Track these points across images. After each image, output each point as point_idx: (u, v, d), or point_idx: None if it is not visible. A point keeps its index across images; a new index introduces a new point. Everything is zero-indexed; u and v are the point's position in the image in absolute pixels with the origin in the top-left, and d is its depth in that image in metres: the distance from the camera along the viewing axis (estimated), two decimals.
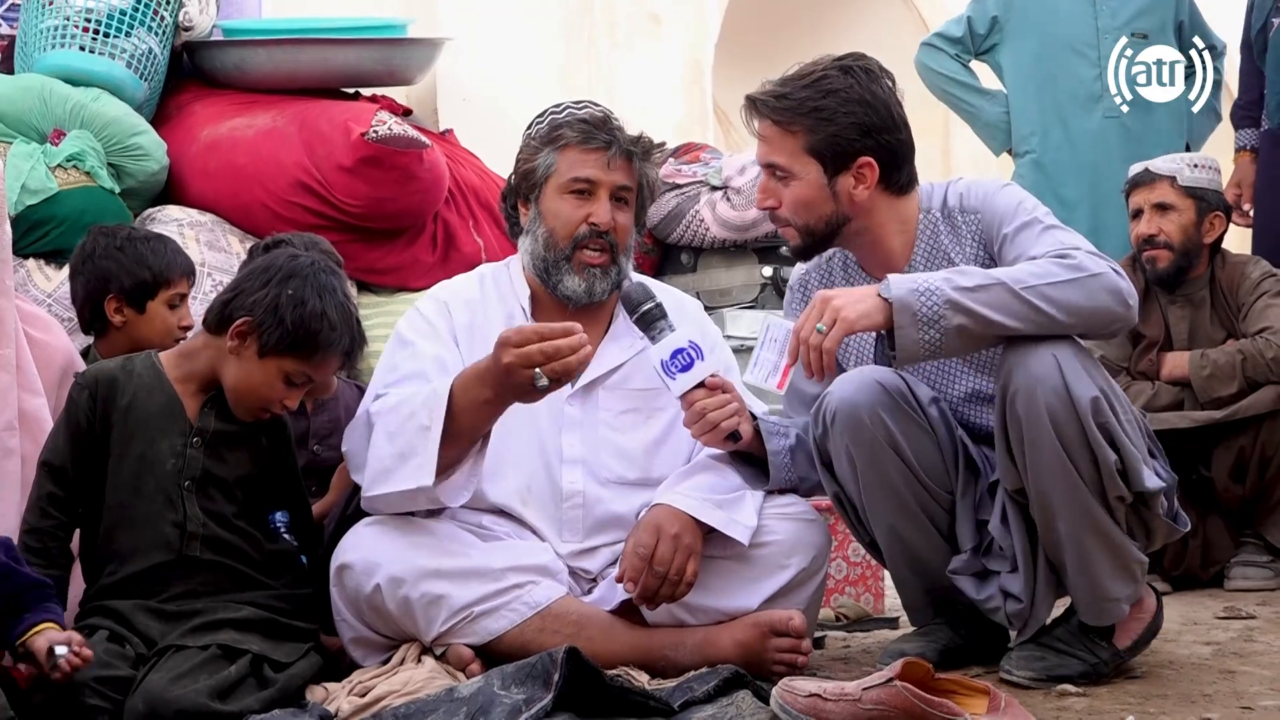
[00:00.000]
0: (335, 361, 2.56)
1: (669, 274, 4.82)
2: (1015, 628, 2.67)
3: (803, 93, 2.64)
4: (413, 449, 2.51)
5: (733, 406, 2.61)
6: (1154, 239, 4.07)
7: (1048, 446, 2.46)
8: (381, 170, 4.04)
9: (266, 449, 2.61)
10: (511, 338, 2.43)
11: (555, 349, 2.41)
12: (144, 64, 4.22)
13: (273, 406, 2.53)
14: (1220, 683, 2.60)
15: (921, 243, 2.71)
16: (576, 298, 2.74)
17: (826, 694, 2.17)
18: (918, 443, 2.65)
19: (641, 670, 2.53)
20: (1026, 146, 4.86)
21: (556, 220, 2.76)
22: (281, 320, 2.46)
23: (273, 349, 2.48)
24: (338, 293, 2.53)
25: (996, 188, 2.70)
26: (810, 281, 2.87)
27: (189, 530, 2.49)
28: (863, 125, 2.63)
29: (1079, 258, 2.50)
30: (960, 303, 2.44)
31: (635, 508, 2.70)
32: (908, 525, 2.69)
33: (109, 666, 2.30)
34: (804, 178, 2.66)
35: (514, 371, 2.42)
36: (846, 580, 3.63)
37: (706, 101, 6.91)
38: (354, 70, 4.48)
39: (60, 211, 3.83)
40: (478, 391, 2.50)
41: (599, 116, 2.79)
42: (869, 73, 2.66)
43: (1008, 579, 2.65)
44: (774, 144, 2.68)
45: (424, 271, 4.17)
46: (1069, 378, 2.44)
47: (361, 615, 2.58)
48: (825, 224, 2.68)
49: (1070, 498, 2.49)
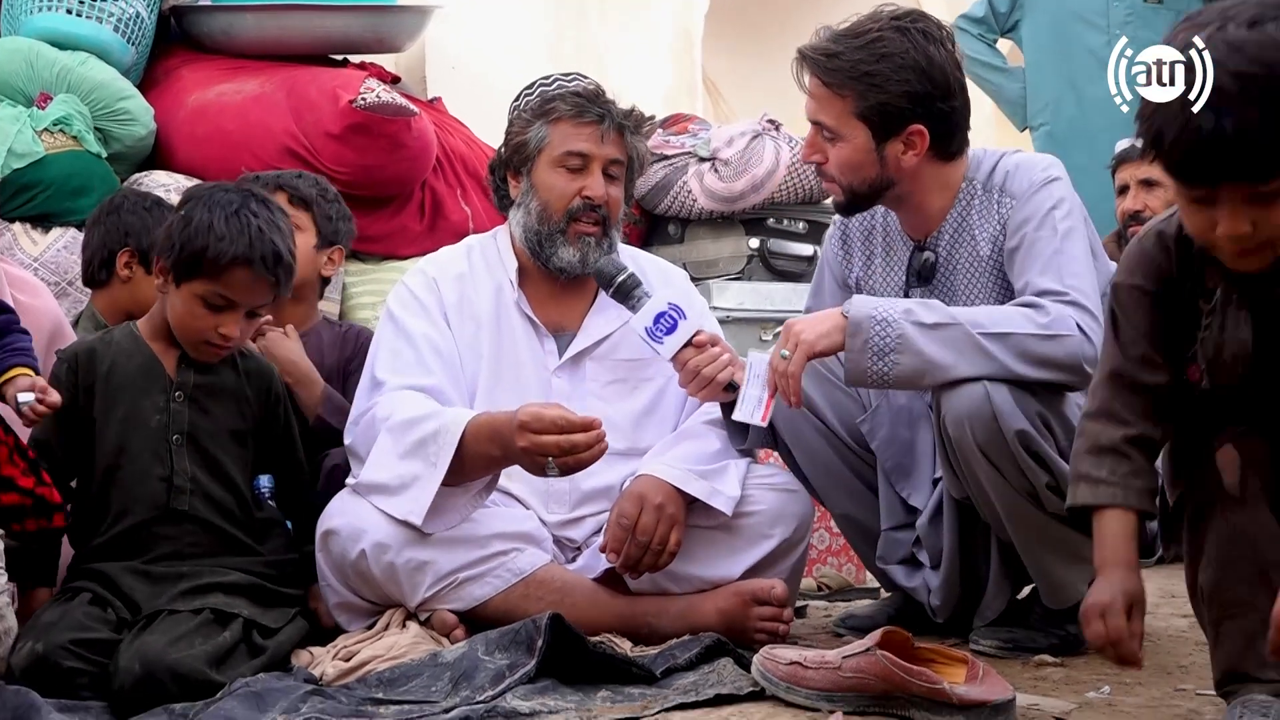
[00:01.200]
0: (245, 276, 2.48)
1: (656, 245, 4.82)
2: (941, 618, 2.71)
3: (856, 54, 2.55)
4: (415, 478, 2.52)
5: (725, 359, 2.61)
6: (1140, 215, 4.10)
7: (982, 470, 2.46)
8: (369, 138, 4.03)
9: (254, 403, 2.61)
10: (531, 424, 2.44)
11: (572, 444, 2.42)
12: (131, 28, 4.19)
13: (210, 336, 2.50)
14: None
15: (955, 211, 2.66)
16: (571, 268, 2.75)
17: (807, 662, 2.19)
18: (841, 409, 2.69)
19: (624, 638, 2.55)
20: (1041, 119, 4.88)
21: (550, 193, 2.76)
22: (173, 243, 2.48)
23: (180, 274, 2.48)
24: (232, 206, 2.49)
25: (1042, 180, 2.60)
26: (850, 225, 2.83)
27: (176, 484, 2.50)
28: (915, 93, 2.55)
29: (1054, 313, 2.42)
30: (911, 342, 2.41)
31: (622, 478, 2.71)
32: (839, 491, 2.76)
33: (88, 629, 2.32)
34: (852, 141, 2.60)
35: (528, 456, 2.45)
36: (829, 550, 3.66)
37: (696, 72, 6.89)
38: (342, 37, 4.45)
39: (47, 175, 3.82)
40: (488, 447, 2.51)
41: (591, 90, 2.79)
42: (926, 35, 2.57)
43: (930, 574, 2.69)
44: (823, 104, 2.61)
45: (411, 239, 4.17)
46: (998, 409, 2.40)
47: (347, 580, 2.59)
48: (870, 186, 2.64)
49: (1011, 509, 2.50)
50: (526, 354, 2.79)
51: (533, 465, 2.47)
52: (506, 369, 2.76)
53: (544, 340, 2.81)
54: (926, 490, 2.72)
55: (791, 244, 4.84)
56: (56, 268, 3.71)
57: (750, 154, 4.71)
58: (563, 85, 2.81)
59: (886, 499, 2.77)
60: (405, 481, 2.53)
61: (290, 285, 2.59)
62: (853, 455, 2.79)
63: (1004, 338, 2.41)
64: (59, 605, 2.39)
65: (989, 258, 2.63)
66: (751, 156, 4.71)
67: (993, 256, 2.63)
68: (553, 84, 2.82)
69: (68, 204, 3.82)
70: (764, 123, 4.79)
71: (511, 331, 2.78)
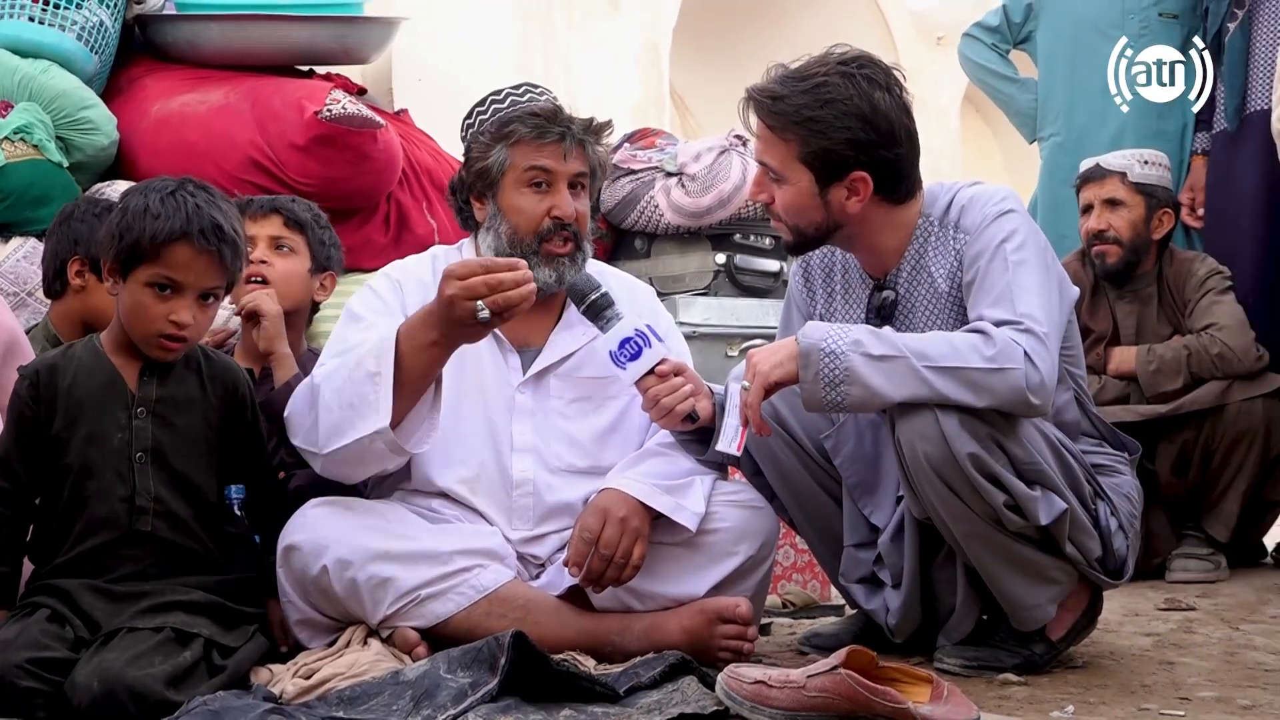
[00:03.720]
0: (186, 252, 2.42)
1: (623, 259, 4.82)
2: (899, 639, 2.71)
3: (801, 99, 2.56)
4: (362, 397, 2.49)
5: (686, 389, 2.60)
6: (1103, 234, 4.12)
7: (938, 493, 2.48)
8: (335, 150, 4.01)
9: (219, 410, 2.56)
10: (456, 270, 2.42)
11: (499, 281, 2.39)
12: (95, 37, 4.17)
13: (163, 327, 2.45)
14: (1159, 673, 2.63)
15: (912, 248, 2.67)
16: (548, 288, 2.72)
17: (771, 681, 2.19)
18: (809, 424, 2.71)
19: (588, 655, 2.53)
20: (1052, 130, 4.85)
21: (519, 216, 2.75)
22: (114, 236, 2.44)
23: (125, 266, 2.44)
24: (168, 189, 2.45)
25: (995, 214, 2.60)
26: (811, 262, 2.85)
27: (138, 505, 2.46)
28: (858, 140, 2.55)
29: (1001, 344, 2.42)
30: (858, 374, 2.42)
31: (585, 495, 2.70)
32: (806, 505, 2.78)
33: (45, 648, 2.28)
34: (796, 184, 2.61)
35: (457, 304, 2.41)
36: (794, 567, 3.66)
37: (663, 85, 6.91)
38: (308, 48, 4.44)
39: (7, 185, 3.78)
40: (423, 335, 2.48)
41: (549, 109, 2.77)
42: (871, 80, 2.56)
43: (891, 594, 2.69)
44: (768, 146, 2.63)
45: (376, 252, 4.15)
46: (947, 433, 2.42)
47: (308, 596, 2.57)
48: (815, 229, 2.65)
49: (970, 531, 2.51)
50: (490, 367, 2.78)
51: (464, 313, 2.41)
52: (469, 383, 2.74)
53: (508, 356, 2.79)
54: (889, 508, 2.72)
55: (758, 259, 4.85)
56: (16, 278, 3.67)
57: (717, 169, 4.72)
58: (516, 102, 2.80)
59: (850, 515, 2.78)
60: (355, 402, 2.49)
61: (240, 264, 2.52)
62: (820, 470, 2.80)
63: (950, 371, 2.42)
64: (16, 622, 2.35)
65: (947, 293, 2.64)
66: (719, 172, 4.72)
67: (951, 292, 2.64)
68: (506, 101, 2.81)
69: (28, 213, 3.78)
70: (731, 138, 4.79)
71: (475, 346, 2.77)
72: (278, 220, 3.16)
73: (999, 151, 10.92)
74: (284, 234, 3.16)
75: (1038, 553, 2.54)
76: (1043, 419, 2.54)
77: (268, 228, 3.16)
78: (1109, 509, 2.64)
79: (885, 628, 2.73)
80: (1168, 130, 4.54)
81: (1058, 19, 4.86)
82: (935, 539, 2.61)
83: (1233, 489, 3.97)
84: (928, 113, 8.25)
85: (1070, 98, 4.79)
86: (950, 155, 9.48)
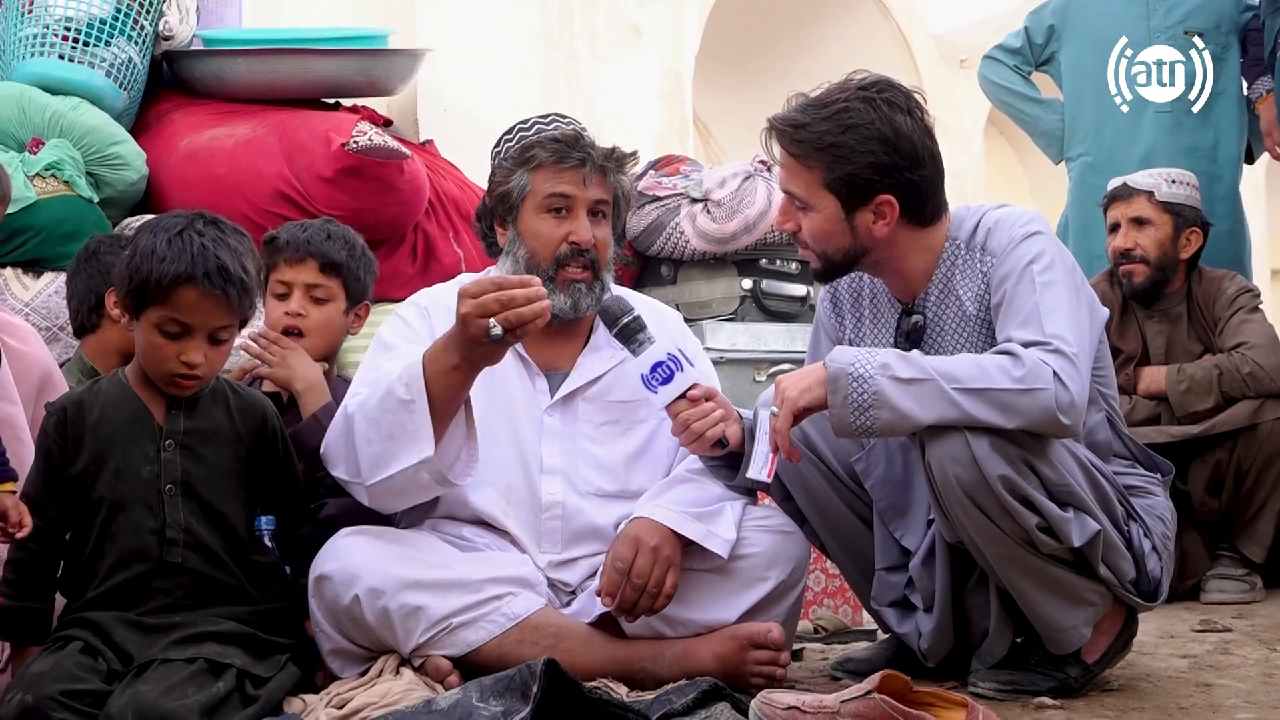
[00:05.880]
0: (192, 295, 2.42)
1: (649, 286, 4.83)
2: (931, 663, 2.70)
3: (822, 125, 2.57)
4: (401, 426, 2.49)
5: (717, 414, 2.60)
6: (1130, 253, 4.11)
7: (970, 517, 2.47)
8: (362, 181, 4.04)
9: (248, 442, 2.57)
10: (469, 289, 2.43)
11: (510, 298, 2.40)
12: (123, 73, 4.21)
13: (175, 367, 2.45)
14: (1196, 695, 2.61)
15: (939, 272, 2.67)
16: (564, 314, 2.74)
17: (805, 706, 2.18)
18: (839, 447, 2.70)
19: (620, 682, 2.53)
20: (1080, 149, 4.84)
21: (537, 241, 2.76)
22: (124, 275, 2.45)
23: (135, 305, 2.45)
24: (175, 228, 2.44)
25: (1021, 236, 2.59)
26: (839, 287, 2.85)
27: (168, 536, 2.46)
28: (882, 164, 2.56)
29: (1030, 365, 2.41)
30: (887, 398, 2.41)
31: (614, 519, 2.70)
32: (837, 529, 2.77)
33: (79, 680, 2.27)
34: (822, 211, 2.62)
35: (470, 322, 2.41)
36: (825, 592, 3.64)
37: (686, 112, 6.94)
38: (334, 81, 4.48)
39: (38, 220, 3.82)
40: (445, 359, 2.48)
41: (570, 134, 2.79)
42: (892, 104, 2.57)
43: (923, 618, 2.68)
44: (792, 174, 2.64)
45: (404, 282, 4.17)
46: (978, 456, 2.41)
47: (340, 626, 2.57)
48: (844, 255, 2.66)
49: (1002, 553, 2.50)
50: (518, 392, 2.78)
51: (477, 331, 2.41)
52: (498, 407, 2.74)
53: (535, 379, 2.80)
54: (920, 531, 2.71)
55: (784, 284, 4.85)
56: (48, 313, 3.71)
57: (742, 195, 4.73)
58: (542, 130, 2.81)
59: (881, 539, 2.77)
60: (394, 432, 2.50)
61: (251, 303, 2.52)
62: (850, 493, 2.80)
63: (979, 393, 2.41)
64: (50, 655, 2.35)
65: (976, 316, 2.64)
66: (744, 197, 4.72)
67: (980, 315, 2.63)
68: (532, 129, 2.83)
69: (59, 249, 3.82)
70: (756, 163, 4.80)
71: (503, 369, 2.77)
72: (313, 266, 3.11)
73: (1024, 174, 10.91)
74: (320, 280, 3.12)
75: (1071, 575, 2.52)
76: (1074, 440, 2.53)
77: (303, 274, 3.12)
78: (1142, 530, 2.62)
79: (918, 651, 2.72)
80: (1200, 147, 4.52)
81: (1083, 38, 4.84)
82: (967, 562, 2.60)
83: (1267, 508, 3.95)
84: (951, 136, 8.26)
85: (1098, 117, 4.77)
86: (974, 178, 9.48)
